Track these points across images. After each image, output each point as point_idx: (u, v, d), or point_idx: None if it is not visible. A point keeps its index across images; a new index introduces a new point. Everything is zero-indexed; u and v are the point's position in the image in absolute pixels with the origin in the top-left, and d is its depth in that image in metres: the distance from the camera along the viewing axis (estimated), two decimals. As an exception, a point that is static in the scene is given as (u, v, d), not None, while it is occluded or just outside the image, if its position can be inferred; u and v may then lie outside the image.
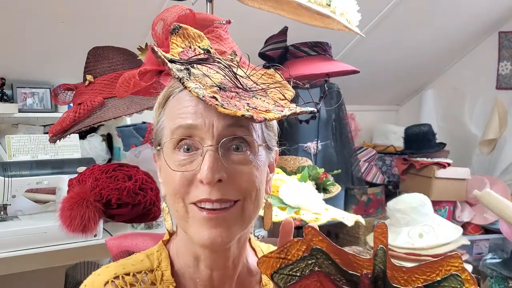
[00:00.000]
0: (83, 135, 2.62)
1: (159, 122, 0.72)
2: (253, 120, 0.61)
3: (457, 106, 3.64)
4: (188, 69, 0.67)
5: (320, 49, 1.88)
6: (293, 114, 0.65)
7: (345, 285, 0.57)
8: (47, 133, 1.60)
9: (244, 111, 0.61)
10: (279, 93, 0.71)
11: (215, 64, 0.71)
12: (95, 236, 1.69)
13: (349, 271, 0.56)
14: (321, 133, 2.58)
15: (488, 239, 2.94)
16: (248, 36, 1.77)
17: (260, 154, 0.69)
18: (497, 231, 2.81)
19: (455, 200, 2.98)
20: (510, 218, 2.35)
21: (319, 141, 2.55)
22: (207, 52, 0.74)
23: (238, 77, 0.69)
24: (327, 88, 2.08)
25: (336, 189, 1.74)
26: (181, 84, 0.64)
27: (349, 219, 1.38)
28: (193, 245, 0.72)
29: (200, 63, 0.70)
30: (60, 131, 1.37)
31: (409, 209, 2.37)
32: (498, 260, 2.65)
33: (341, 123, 2.73)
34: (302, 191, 1.36)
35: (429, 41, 3.27)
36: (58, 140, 1.43)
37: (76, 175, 1.36)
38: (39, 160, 1.89)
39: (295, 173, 1.67)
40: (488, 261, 2.67)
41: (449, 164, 2.97)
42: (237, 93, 0.66)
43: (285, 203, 1.33)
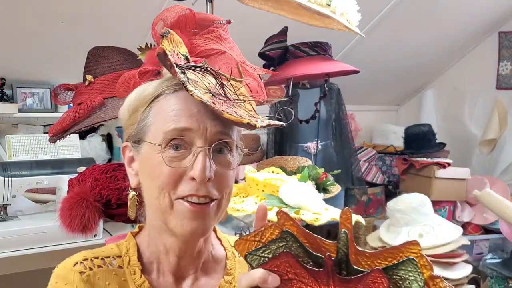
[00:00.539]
0: (83, 135, 2.62)
1: (146, 119, 0.76)
2: (254, 127, 0.67)
3: (457, 106, 3.64)
4: (185, 73, 0.71)
5: (320, 49, 1.88)
6: (268, 125, 0.72)
7: (311, 267, 0.61)
8: (47, 133, 1.60)
9: (247, 118, 0.67)
10: (248, 104, 0.77)
11: (205, 72, 0.75)
12: (95, 236, 1.70)
13: (315, 253, 0.61)
14: (321, 133, 2.58)
15: (488, 239, 2.93)
16: (248, 36, 1.77)
17: (236, 157, 0.78)
18: (497, 231, 2.81)
19: (455, 200, 2.98)
20: (510, 218, 2.34)
21: (319, 141, 2.55)
22: (186, 59, 0.79)
23: (224, 85, 0.74)
24: (327, 88, 2.08)
25: (336, 189, 1.74)
26: (184, 88, 0.68)
27: (349, 219, 1.38)
28: (164, 235, 0.79)
29: (194, 69, 0.74)
30: (60, 131, 1.37)
31: (409, 209, 2.36)
32: (498, 260, 2.64)
33: (341, 123, 2.74)
34: (302, 191, 1.36)
35: (429, 41, 3.27)
36: (58, 140, 1.42)
37: (76, 175, 1.36)
38: (39, 160, 1.89)
39: (295, 173, 1.67)
40: (488, 261, 2.66)
41: (449, 164, 2.97)
42: (224, 101, 0.72)
43: (285, 203, 1.33)
